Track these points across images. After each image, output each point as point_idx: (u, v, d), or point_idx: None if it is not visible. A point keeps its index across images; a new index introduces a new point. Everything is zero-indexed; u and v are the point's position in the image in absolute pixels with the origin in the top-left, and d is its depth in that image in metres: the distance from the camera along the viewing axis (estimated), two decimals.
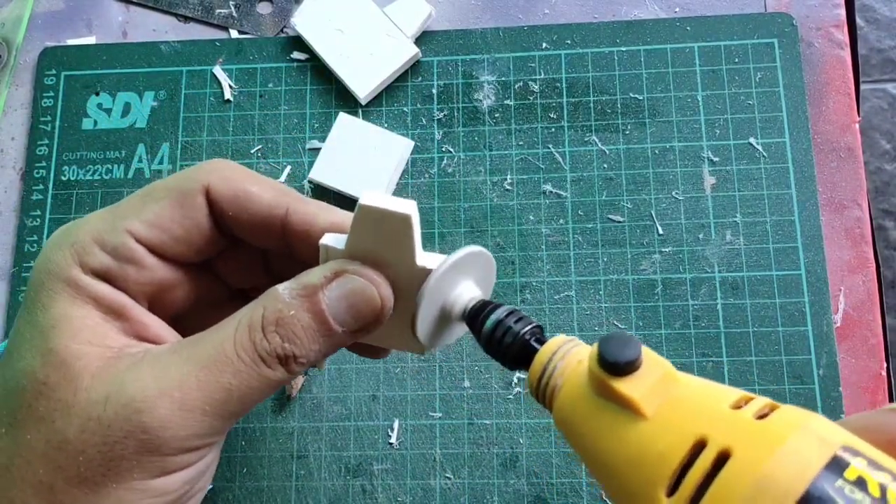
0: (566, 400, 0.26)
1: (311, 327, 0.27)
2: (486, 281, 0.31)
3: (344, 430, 0.42)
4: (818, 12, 0.47)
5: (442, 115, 0.47)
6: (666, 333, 0.43)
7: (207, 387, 0.26)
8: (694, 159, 0.45)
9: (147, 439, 0.26)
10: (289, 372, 0.28)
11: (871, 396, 0.42)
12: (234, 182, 0.30)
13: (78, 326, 0.27)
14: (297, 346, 0.27)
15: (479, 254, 0.30)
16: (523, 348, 0.27)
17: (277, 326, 0.27)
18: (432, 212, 0.45)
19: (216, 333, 0.27)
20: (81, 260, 0.28)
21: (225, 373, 0.26)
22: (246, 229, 0.30)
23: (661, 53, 0.47)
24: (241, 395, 0.27)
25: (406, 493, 0.41)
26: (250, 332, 0.27)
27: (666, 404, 0.23)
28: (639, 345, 0.24)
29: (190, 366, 0.26)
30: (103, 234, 0.28)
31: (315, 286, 0.28)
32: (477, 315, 0.29)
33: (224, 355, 0.27)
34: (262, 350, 0.27)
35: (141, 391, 0.26)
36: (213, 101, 0.48)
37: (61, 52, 0.50)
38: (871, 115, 1.15)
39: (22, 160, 0.48)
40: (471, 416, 0.42)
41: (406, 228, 0.27)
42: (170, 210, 0.29)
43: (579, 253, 0.44)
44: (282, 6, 0.50)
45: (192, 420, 0.26)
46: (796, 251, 0.43)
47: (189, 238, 0.30)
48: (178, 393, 0.26)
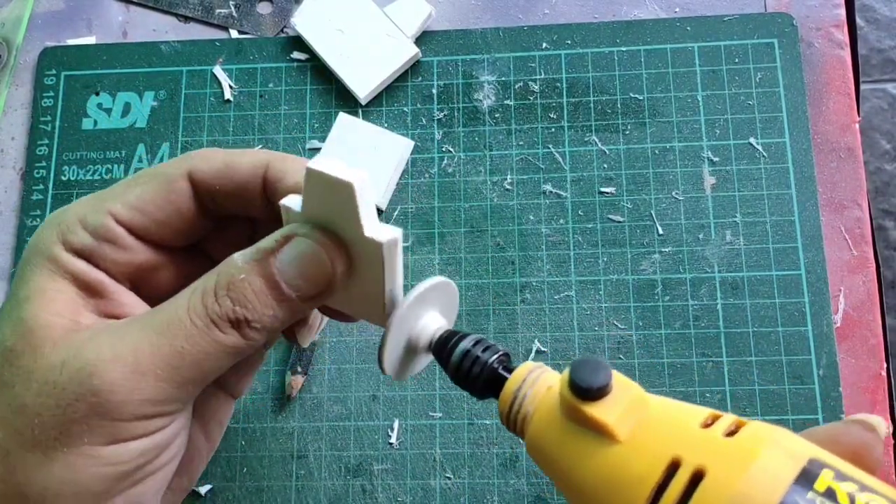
0: (538, 427, 0.26)
1: (262, 291, 0.27)
2: (450, 310, 0.31)
3: (344, 430, 0.42)
4: (818, 12, 0.47)
5: (442, 115, 0.47)
6: (666, 333, 0.43)
7: (160, 350, 0.26)
8: (694, 159, 0.45)
9: (97, 402, 0.26)
10: (244, 337, 0.27)
11: (871, 396, 0.42)
12: (216, 158, 0.30)
13: (50, 298, 0.27)
14: (249, 309, 0.27)
15: (442, 284, 0.30)
16: (492, 377, 0.27)
17: (229, 290, 0.27)
18: (432, 212, 0.45)
19: (173, 302, 0.28)
20: (64, 238, 0.28)
21: (178, 337, 0.26)
22: (233, 200, 0.30)
23: (661, 53, 0.47)
24: (195, 360, 0.27)
25: (406, 493, 0.41)
26: (203, 297, 0.27)
27: (638, 427, 0.24)
28: (609, 369, 0.24)
29: (145, 331, 0.27)
30: (87, 214, 0.29)
31: (267, 250, 0.28)
32: (444, 346, 0.29)
33: (178, 320, 0.27)
34: (213, 313, 0.27)
35: (95, 356, 0.26)
36: (213, 101, 0.48)
37: (61, 52, 0.50)
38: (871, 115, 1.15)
39: (22, 160, 0.48)
40: (471, 416, 0.42)
41: (350, 197, 0.26)
42: (152, 194, 0.29)
43: (579, 253, 0.44)
44: (282, 6, 0.50)
45: (144, 384, 0.26)
46: (796, 251, 0.43)
47: (171, 221, 0.30)
48: (131, 357, 0.26)
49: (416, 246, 0.45)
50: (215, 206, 0.31)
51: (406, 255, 0.45)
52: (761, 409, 0.41)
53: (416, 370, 0.31)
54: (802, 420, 0.41)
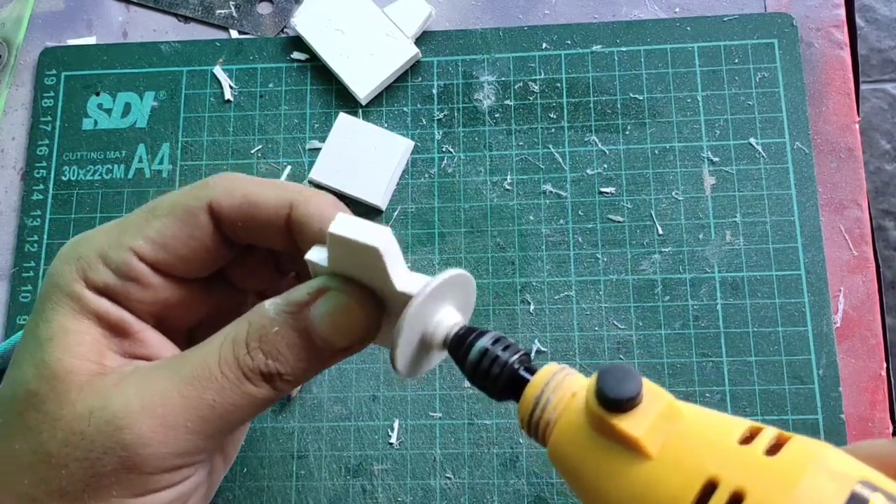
0: (562, 436, 0.24)
1: (295, 345, 0.27)
2: (466, 305, 0.30)
3: (344, 430, 0.43)
4: (818, 12, 0.47)
5: (442, 116, 0.47)
6: (666, 333, 0.43)
7: (190, 403, 0.26)
8: (694, 159, 0.45)
9: (127, 456, 0.25)
10: (275, 389, 0.27)
11: (871, 396, 0.42)
12: (237, 191, 0.29)
13: (74, 340, 0.27)
14: (282, 363, 0.27)
15: (459, 277, 0.28)
16: (512, 379, 0.26)
17: (261, 343, 0.27)
18: (432, 212, 0.45)
19: (202, 349, 0.27)
20: (85, 275, 0.28)
21: (208, 389, 0.26)
22: (255, 236, 0.30)
23: (661, 53, 0.47)
24: (225, 413, 0.26)
25: (406, 493, 0.41)
26: (234, 348, 0.27)
27: (671, 441, 0.22)
28: (639, 378, 0.22)
29: (173, 382, 0.26)
30: (108, 250, 0.28)
31: (300, 303, 0.27)
32: (461, 343, 0.27)
33: (208, 371, 0.26)
34: (245, 366, 0.26)
35: (123, 407, 0.25)
36: (214, 101, 0.48)
37: (61, 52, 0.50)
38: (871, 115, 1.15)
39: (22, 160, 0.48)
40: (471, 416, 0.42)
41: (377, 259, 0.26)
42: (174, 228, 0.28)
43: (579, 253, 0.44)
44: (282, 6, 0.50)
45: (174, 437, 0.26)
46: (796, 251, 0.43)
47: (194, 256, 0.29)
48: (161, 409, 0.25)
49: (416, 246, 0.45)
50: (236, 238, 0.30)
51: (406, 255, 0.45)
52: (761, 409, 0.41)
53: (429, 367, 0.30)
54: (802, 420, 0.41)
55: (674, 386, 0.42)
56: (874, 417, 0.41)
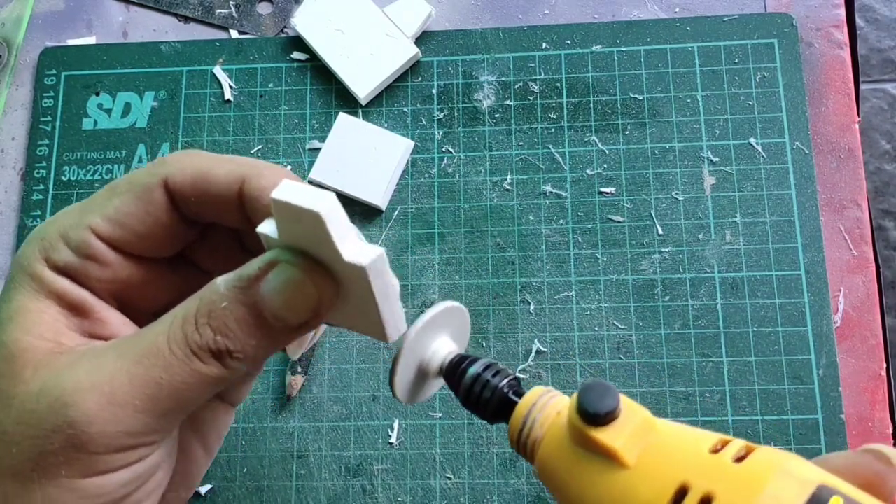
0: (547, 452, 0.26)
1: (245, 320, 0.26)
2: (461, 334, 0.31)
3: (344, 430, 0.43)
4: (818, 12, 0.47)
5: (442, 116, 0.47)
6: (666, 333, 0.43)
7: (138, 381, 0.25)
8: (694, 159, 0.45)
9: (73, 434, 0.25)
10: (225, 367, 0.26)
11: (871, 396, 0.42)
12: (191, 167, 0.28)
13: (33, 320, 0.27)
14: (231, 339, 0.26)
15: (453, 309, 0.29)
16: (502, 402, 0.28)
17: (210, 318, 0.26)
18: (432, 212, 0.45)
19: (153, 327, 0.26)
20: (47, 255, 0.27)
21: (156, 367, 0.25)
22: (209, 211, 0.29)
23: (661, 53, 0.47)
24: (174, 392, 0.25)
25: (406, 493, 0.41)
26: (183, 325, 0.26)
27: (646, 452, 0.23)
28: (617, 394, 0.24)
29: (123, 360, 0.25)
30: (68, 229, 0.28)
31: (251, 277, 0.26)
32: (454, 370, 0.29)
33: (157, 348, 0.25)
34: (193, 343, 0.26)
35: (72, 384, 0.25)
36: (214, 101, 0.48)
37: (61, 52, 0.50)
38: (871, 115, 1.15)
39: (22, 160, 0.48)
40: (471, 416, 0.42)
41: (321, 224, 0.25)
42: (130, 205, 0.28)
43: (579, 253, 0.44)
44: (282, 6, 0.50)
45: (122, 416, 0.25)
46: (796, 251, 0.43)
47: (151, 234, 0.29)
48: (108, 387, 0.25)
49: (416, 246, 0.45)
50: (193, 215, 0.29)
51: (406, 255, 0.45)
52: (761, 409, 0.41)
53: (428, 395, 0.31)
54: (802, 420, 0.41)
55: (674, 386, 0.42)
56: (874, 417, 0.41)
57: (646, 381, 0.42)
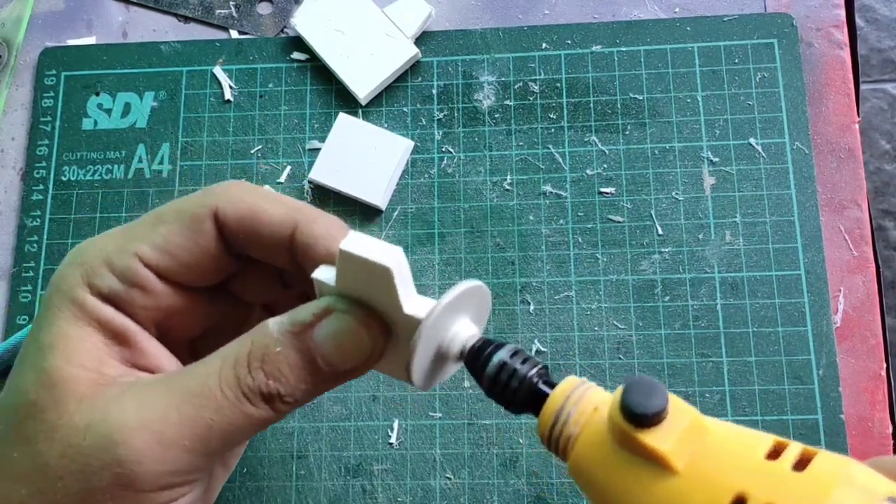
0: (584, 451, 0.24)
1: (297, 366, 0.26)
2: (481, 316, 0.30)
3: (344, 430, 0.43)
4: (818, 12, 0.47)
5: (442, 116, 0.47)
6: (666, 333, 0.43)
7: (188, 421, 0.25)
8: (694, 159, 0.45)
9: (122, 473, 0.25)
10: (274, 411, 0.27)
11: (871, 396, 0.42)
12: (243, 203, 0.29)
13: (74, 348, 0.26)
14: (283, 384, 0.26)
15: (475, 288, 0.28)
16: (531, 392, 0.26)
17: (263, 363, 0.26)
18: (432, 212, 0.45)
19: (202, 366, 0.27)
20: (89, 280, 0.27)
21: (207, 408, 0.25)
22: (257, 250, 0.29)
23: (661, 53, 0.47)
24: (223, 432, 0.26)
25: (406, 493, 0.41)
26: (235, 367, 0.26)
27: (697, 457, 0.22)
28: (665, 392, 0.22)
29: (172, 398, 0.26)
30: (112, 255, 0.28)
31: (304, 323, 0.27)
32: (478, 356, 0.27)
33: (207, 389, 0.26)
34: (245, 386, 0.26)
35: (119, 421, 0.25)
36: (213, 101, 0.48)
37: (61, 53, 0.50)
38: (871, 115, 1.15)
39: (22, 160, 0.48)
40: (471, 416, 0.42)
41: (388, 279, 0.26)
42: (179, 235, 0.28)
43: (579, 253, 0.44)
44: (282, 6, 0.50)
45: (170, 455, 0.25)
46: (796, 251, 0.43)
47: (198, 263, 0.29)
48: (158, 426, 0.25)
49: (416, 246, 0.45)
50: (241, 250, 0.29)
51: (406, 255, 0.45)
52: (761, 409, 0.41)
53: (444, 379, 0.30)
54: (802, 420, 0.41)
55: (674, 386, 0.42)
56: (874, 417, 0.41)
57: None
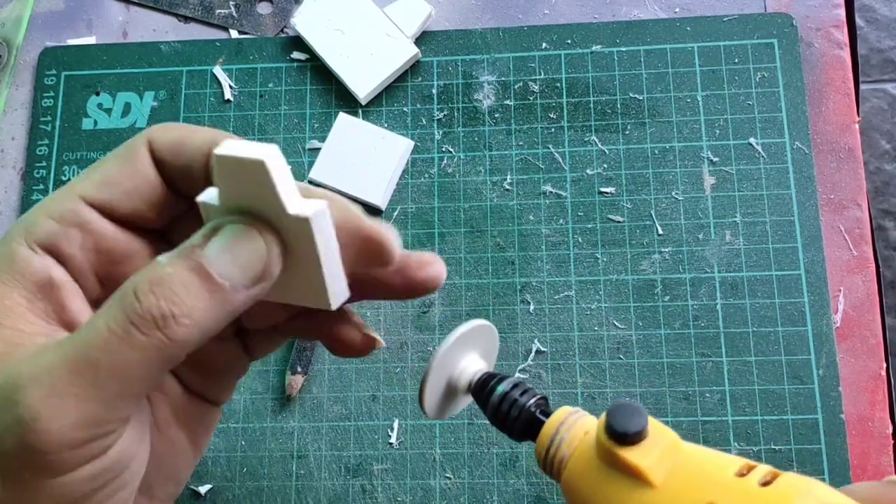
0: (574, 470, 0.26)
1: (191, 282, 0.24)
2: (490, 352, 0.32)
3: (344, 430, 0.43)
4: (818, 12, 0.47)
5: (442, 115, 0.47)
6: (666, 333, 0.43)
7: (75, 368, 0.23)
8: (694, 159, 0.45)
9: (22, 433, 0.23)
10: (170, 336, 0.24)
11: (871, 396, 0.42)
12: (173, 130, 0.28)
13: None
14: (177, 303, 0.24)
15: (483, 327, 0.30)
16: (529, 420, 0.28)
17: (152, 286, 0.24)
18: (432, 212, 0.45)
19: (96, 313, 0.25)
20: (27, 231, 0.26)
21: (93, 348, 0.23)
22: (186, 175, 0.28)
23: (661, 53, 0.47)
24: (114, 371, 0.23)
25: (406, 493, 0.41)
26: (122, 300, 0.24)
27: (673, 473, 0.24)
28: (645, 415, 0.24)
29: (62, 349, 0.24)
30: (53, 202, 0.27)
31: (194, 244, 0.25)
32: (483, 388, 0.29)
33: (94, 331, 0.23)
34: (132, 314, 0.23)
35: (14, 380, 0.23)
36: (213, 101, 0.48)
37: (61, 52, 0.50)
38: (871, 115, 1.15)
39: (22, 160, 0.48)
40: (471, 416, 0.42)
41: (265, 175, 0.24)
42: (117, 166, 0.28)
43: (579, 253, 0.44)
44: (282, 6, 0.50)
45: (65, 408, 0.23)
46: (796, 251, 0.43)
47: (138, 191, 0.28)
48: (47, 378, 0.23)
49: (416, 246, 0.45)
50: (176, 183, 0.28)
51: None
52: (761, 409, 0.41)
53: (457, 410, 0.32)
54: (802, 420, 0.41)
55: (674, 386, 0.42)
56: (874, 417, 0.41)
57: (646, 381, 0.42)
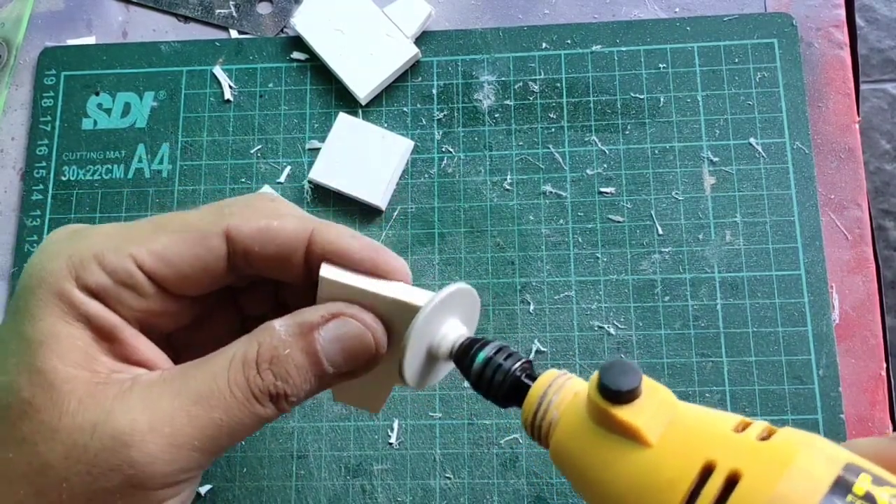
0: (564, 433, 0.25)
1: (303, 367, 0.27)
2: (471, 318, 0.31)
3: (344, 430, 0.42)
4: (818, 12, 0.47)
5: (442, 116, 0.47)
6: (666, 333, 0.43)
7: (198, 422, 0.26)
8: (694, 159, 0.45)
9: (133, 474, 0.25)
10: (279, 409, 0.27)
11: (871, 396, 0.42)
12: (256, 218, 0.29)
13: (67, 346, 0.26)
14: (290, 385, 0.27)
15: (462, 291, 0.29)
16: (515, 385, 0.27)
17: (272, 364, 0.27)
18: (432, 212, 0.45)
19: (208, 366, 0.27)
20: (78, 274, 0.27)
21: (216, 409, 0.26)
22: (271, 263, 0.29)
23: (661, 53, 0.47)
24: (231, 431, 0.27)
25: (406, 493, 0.41)
26: (244, 369, 0.27)
27: (669, 431, 0.23)
28: (639, 372, 0.23)
29: (181, 400, 0.26)
30: (105, 252, 0.27)
31: (311, 325, 0.27)
32: (465, 354, 0.28)
33: (217, 390, 0.26)
34: (254, 387, 0.27)
35: (130, 424, 0.25)
36: (213, 101, 0.48)
37: (61, 52, 0.50)
38: (871, 115, 1.15)
39: (22, 160, 0.48)
40: (471, 416, 0.42)
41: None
42: (182, 247, 0.28)
43: (579, 253, 0.44)
44: (282, 6, 0.50)
45: (180, 455, 0.26)
46: (796, 251, 0.43)
47: (197, 277, 0.29)
48: (169, 428, 0.26)
49: (416, 246, 0.45)
50: (247, 267, 0.29)
51: (406, 255, 0.45)
52: (761, 409, 0.41)
53: (437, 378, 0.31)
54: (802, 420, 0.41)
55: (674, 386, 0.42)
56: (874, 417, 0.41)
57: None
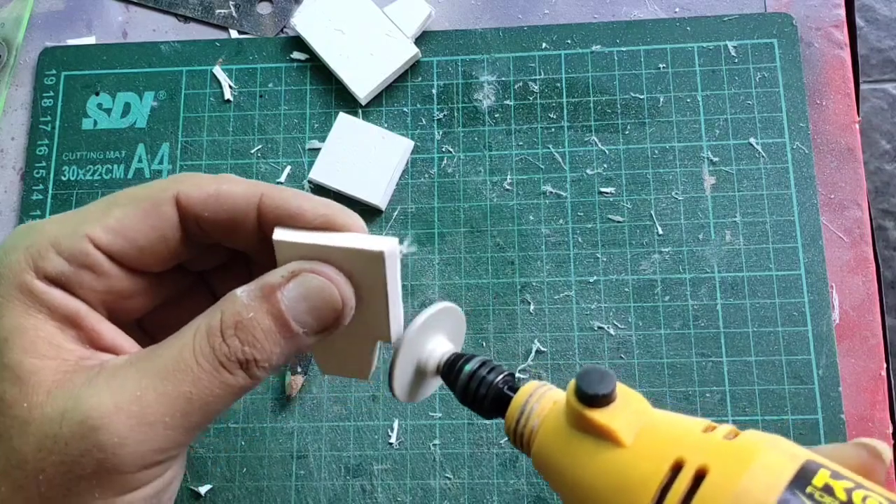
0: (545, 438, 0.27)
1: (271, 329, 0.27)
2: (457, 334, 0.32)
3: (344, 430, 0.42)
4: (818, 12, 0.47)
5: (442, 115, 0.47)
6: (666, 333, 0.43)
7: (167, 398, 0.25)
8: (694, 159, 0.45)
9: (104, 458, 0.25)
10: (250, 377, 0.27)
11: (871, 396, 0.42)
12: (205, 184, 0.29)
13: (32, 339, 0.26)
14: (258, 349, 0.26)
15: (449, 310, 0.31)
16: (497, 396, 0.29)
17: (237, 330, 0.26)
18: (432, 212, 0.45)
19: (174, 341, 0.27)
20: (36, 265, 0.27)
21: (184, 382, 0.26)
22: (223, 229, 0.29)
23: (661, 53, 0.47)
24: (203, 405, 0.26)
25: (406, 493, 0.41)
26: (209, 338, 0.26)
27: (642, 432, 0.25)
28: (613, 378, 0.25)
29: (148, 378, 0.26)
30: (61, 238, 0.27)
31: (272, 286, 0.27)
32: (451, 369, 0.30)
33: (183, 363, 0.26)
34: (221, 355, 0.26)
35: (96, 407, 0.25)
36: (213, 101, 0.48)
37: (61, 52, 0.50)
38: (871, 115, 1.15)
39: (22, 160, 0.48)
40: (470, 416, 0.42)
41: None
42: (135, 217, 0.28)
43: (579, 253, 0.44)
44: (282, 6, 0.50)
45: (153, 434, 0.25)
46: (796, 251, 0.43)
47: (154, 248, 0.28)
48: (136, 407, 0.25)
49: (416, 246, 0.45)
50: (202, 235, 0.29)
51: (406, 255, 0.45)
52: (761, 409, 0.41)
53: (427, 393, 0.32)
54: (802, 420, 0.41)
55: (674, 386, 0.42)
56: (874, 417, 0.41)
57: (646, 381, 0.42)
